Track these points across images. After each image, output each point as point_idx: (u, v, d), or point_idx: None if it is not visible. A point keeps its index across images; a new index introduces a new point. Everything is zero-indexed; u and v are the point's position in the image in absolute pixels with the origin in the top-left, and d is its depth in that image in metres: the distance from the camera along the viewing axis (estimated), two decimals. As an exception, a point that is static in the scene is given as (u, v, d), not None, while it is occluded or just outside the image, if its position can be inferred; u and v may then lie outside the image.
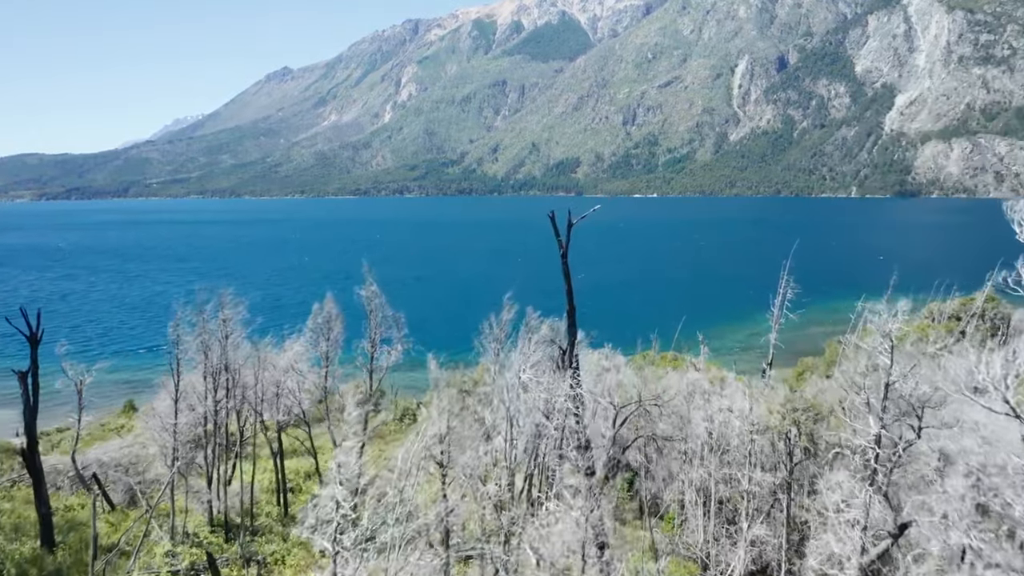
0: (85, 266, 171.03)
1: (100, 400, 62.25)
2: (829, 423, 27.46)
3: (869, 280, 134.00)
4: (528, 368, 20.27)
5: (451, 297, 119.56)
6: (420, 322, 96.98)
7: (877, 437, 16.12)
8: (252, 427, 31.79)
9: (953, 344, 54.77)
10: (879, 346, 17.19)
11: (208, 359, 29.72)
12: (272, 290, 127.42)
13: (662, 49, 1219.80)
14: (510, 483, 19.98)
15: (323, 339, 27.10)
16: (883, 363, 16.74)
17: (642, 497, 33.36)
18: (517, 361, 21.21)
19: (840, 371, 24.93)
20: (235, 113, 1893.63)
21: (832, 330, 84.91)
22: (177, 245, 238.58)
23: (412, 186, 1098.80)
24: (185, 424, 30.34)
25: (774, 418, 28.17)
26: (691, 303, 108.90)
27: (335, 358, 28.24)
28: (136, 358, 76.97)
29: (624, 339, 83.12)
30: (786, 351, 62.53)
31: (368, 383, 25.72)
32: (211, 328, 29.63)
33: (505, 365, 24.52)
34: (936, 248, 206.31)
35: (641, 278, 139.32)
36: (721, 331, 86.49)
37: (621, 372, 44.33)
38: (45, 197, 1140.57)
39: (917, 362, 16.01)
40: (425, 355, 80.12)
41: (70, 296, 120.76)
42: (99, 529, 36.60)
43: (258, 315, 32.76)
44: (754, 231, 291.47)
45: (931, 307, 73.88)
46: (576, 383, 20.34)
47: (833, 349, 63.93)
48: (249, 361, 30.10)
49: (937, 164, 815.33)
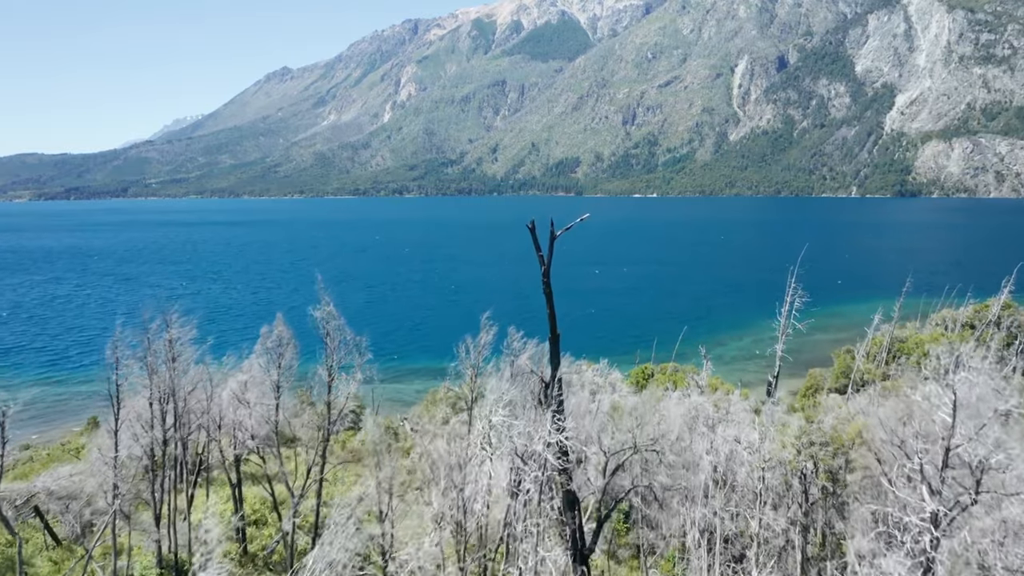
0: (74, 268, 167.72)
1: (67, 416, 59.12)
2: (850, 460, 24.25)
3: (876, 283, 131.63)
4: (501, 409, 17.01)
5: (449, 301, 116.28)
6: (417, 328, 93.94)
7: (934, 516, 12.87)
8: (206, 456, 28.64)
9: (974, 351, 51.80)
10: (934, 397, 13.97)
11: (153, 383, 26.50)
12: (262, 295, 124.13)
13: (662, 49, 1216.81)
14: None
15: (273, 366, 23.87)
16: (942, 422, 13.53)
17: (639, 534, 30.13)
18: (489, 399, 18.01)
19: (877, 414, 21.60)
20: (235, 113, 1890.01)
21: (838, 337, 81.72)
22: (170, 247, 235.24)
23: (411, 186, 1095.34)
24: (128, 456, 27.12)
25: (788, 452, 24.99)
26: (692, 307, 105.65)
27: (289, 386, 24.93)
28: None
29: (624, 345, 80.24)
30: (792, 359, 59.26)
31: (327, 416, 22.52)
32: (157, 349, 26.41)
33: (483, 394, 21.44)
34: (943, 250, 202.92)
35: (641, 282, 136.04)
36: (723, 338, 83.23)
37: (616, 391, 41.08)
38: (44, 197, 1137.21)
39: (986, 422, 12.75)
40: (416, 362, 76.97)
41: (55, 302, 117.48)
42: (40, 569, 33.37)
43: (250, 323, 29.45)
44: (755, 232, 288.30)
45: (943, 314, 70.56)
46: (560, 424, 17.17)
47: (842, 360, 60.70)
48: (201, 385, 26.87)
49: (937, 164, 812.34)
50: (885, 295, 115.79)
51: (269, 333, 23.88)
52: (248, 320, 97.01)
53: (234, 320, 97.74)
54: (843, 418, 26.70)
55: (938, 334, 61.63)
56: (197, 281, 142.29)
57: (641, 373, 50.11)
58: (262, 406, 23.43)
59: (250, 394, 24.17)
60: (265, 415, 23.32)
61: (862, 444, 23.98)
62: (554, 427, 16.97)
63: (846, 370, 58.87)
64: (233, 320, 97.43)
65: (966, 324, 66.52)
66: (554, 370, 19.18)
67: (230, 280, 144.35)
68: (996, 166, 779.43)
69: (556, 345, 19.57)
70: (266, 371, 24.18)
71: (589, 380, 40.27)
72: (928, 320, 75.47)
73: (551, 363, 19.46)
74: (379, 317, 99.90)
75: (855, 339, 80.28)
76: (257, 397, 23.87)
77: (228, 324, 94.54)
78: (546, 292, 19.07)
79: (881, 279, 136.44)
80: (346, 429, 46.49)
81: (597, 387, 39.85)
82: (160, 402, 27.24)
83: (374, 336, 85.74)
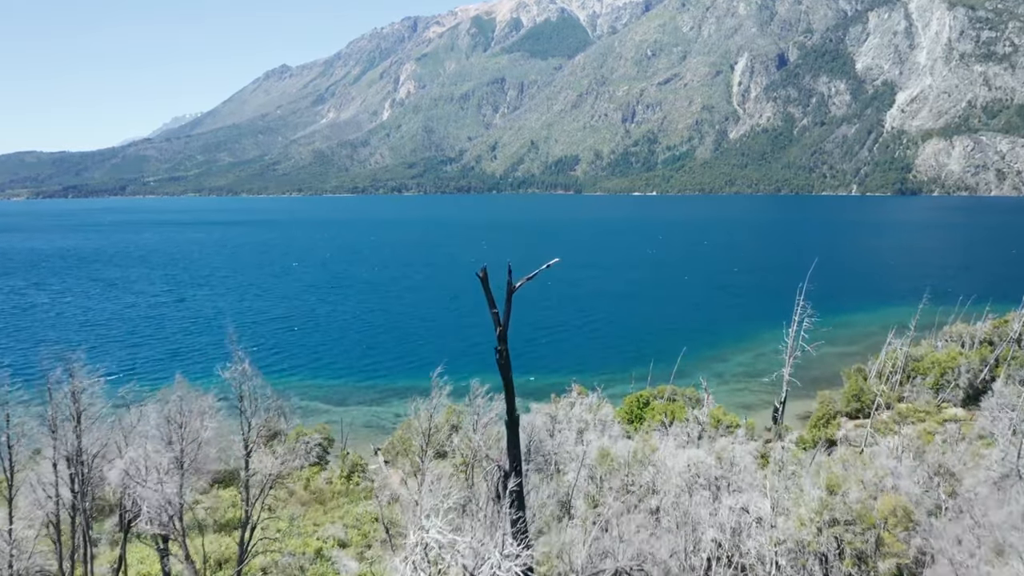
0: (58, 273, 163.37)
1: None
2: (882, 543, 20.15)
3: (884, 289, 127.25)
4: (441, 518, 12.74)
5: (446, 309, 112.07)
6: (405, 340, 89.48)
7: None
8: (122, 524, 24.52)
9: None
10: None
11: (57, 444, 22.36)
12: (249, 303, 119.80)
13: (661, 46, 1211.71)
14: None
15: (176, 440, 19.53)
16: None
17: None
18: (426, 502, 13.71)
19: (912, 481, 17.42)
20: (233, 111, 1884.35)
21: (847, 350, 77.46)
22: (161, 250, 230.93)
23: (410, 184, 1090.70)
24: (24, 525, 23.01)
25: (807, 531, 20.92)
26: (692, 316, 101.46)
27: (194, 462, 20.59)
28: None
29: (621, 359, 75.97)
30: (797, 375, 55.14)
31: (244, 498, 18.48)
32: (60, 403, 22.29)
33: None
34: (950, 251, 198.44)
35: (640, 287, 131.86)
36: (724, 352, 78.98)
37: (607, 430, 36.92)
38: (42, 195, 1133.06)
39: None
40: (400, 381, 72.56)
41: (32, 310, 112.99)
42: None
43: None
44: (756, 232, 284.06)
45: (959, 329, 66.34)
46: (521, 537, 13.01)
47: (854, 382, 56.47)
48: (111, 444, 22.74)
49: (938, 162, 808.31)
50: (894, 302, 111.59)
51: (172, 394, 19.68)
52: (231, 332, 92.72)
53: (218, 332, 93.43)
54: (871, 484, 22.52)
55: (955, 352, 57.46)
56: (182, 287, 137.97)
57: (636, 402, 45.95)
58: (159, 490, 19.12)
59: (146, 474, 19.91)
60: (164, 499, 19.11)
61: (897, 524, 19.85)
62: (513, 542, 12.82)
63: (858, 392, 54.69)
64: (216, 332, 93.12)
65: (984, 340, 62.36)
66: (513, 463, 15.02)
67: (216, 287, 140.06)
68: (997, 164, 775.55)
69: (515, 431, 15.40)
70: (166, 443, 19.87)
71: (577, 417, 36.17)
72: (942, 333, 71.27)
73: (509, 454, 15.30)
74: (367, 328, 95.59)
75: (864, 352, 76.03)
76: (155, 478, 19.55)
77: (211, 336, 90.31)
78: (501, 364, 14.84)
79: (889, 284, 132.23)
80: (311, 464, 42.32)
81: (586, 425, 35.73)
82: (68, 461, 23.11)
83: (357, 352, 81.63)
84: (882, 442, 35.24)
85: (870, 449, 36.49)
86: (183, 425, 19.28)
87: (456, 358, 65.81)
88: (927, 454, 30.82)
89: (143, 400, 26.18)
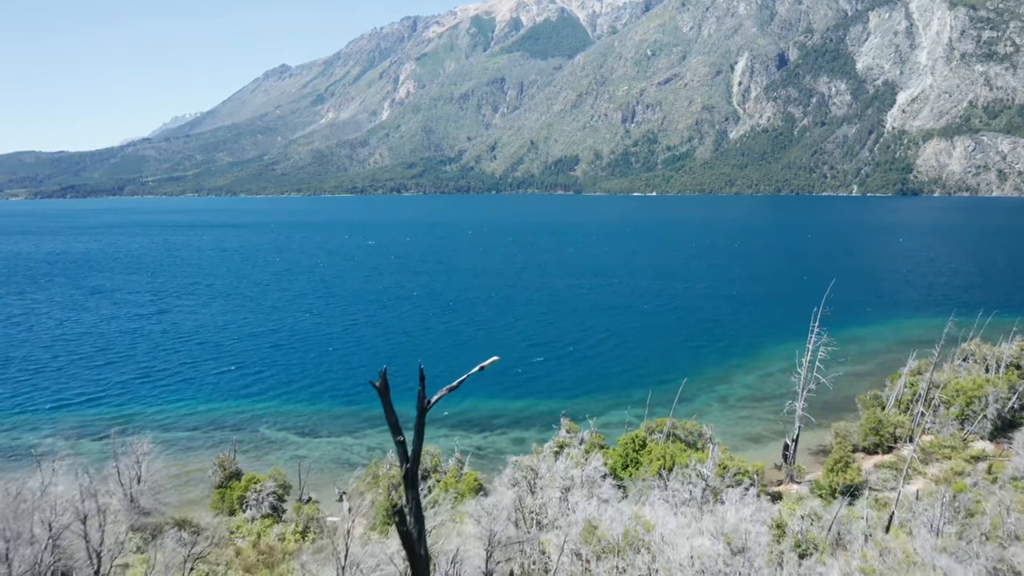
0: (38, 280, 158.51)
1: None
2: None
3: (897, 299, 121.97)
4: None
5: (440, 322, 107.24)
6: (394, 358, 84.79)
7: None
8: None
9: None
10: None
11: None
12: (232, 315, 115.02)
13: (661, 46, 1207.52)
14: None
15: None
16: None
17: None
18: None
19: None
20: (233, 111, 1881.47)
21: (860, 370, 72.51)
22: (151, 254, 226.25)
23: (410, 184, 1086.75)
24: None
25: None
26: (695, 334, 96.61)
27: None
28: (40, 415, 63.45)
29: (619, 383, 70.97)
30: (807, 399, 50.37)
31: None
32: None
33: None
34: (960, 254, 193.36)
35: (639, 300, 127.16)
36: (729, 372, 74.16)
37: (595, 488, 32.20)
38: (40, 195, 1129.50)
39: None
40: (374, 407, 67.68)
41: (2, 324, 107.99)
42: None
43: (214, 353, 20.61)
44: (756, 235, 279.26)
45: (983, 351, 61.62)
46: None
47: (871, 413, 51.71)
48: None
49: (939, 162, 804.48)
50: (907, 313, 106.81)
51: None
52: (210, 350, 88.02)
53: (195, 350, 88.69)
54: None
55: (981, 380, 52.73)
56: (167, 297, 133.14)
57: (631, 443, 41.27)
58: None
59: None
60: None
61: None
62: None
63: (876, 425, 49.96)
64: (193, 350, 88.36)
65: (1011, 364, 57.69)
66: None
67: (200, 295, 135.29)
68: (998, 164, 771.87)
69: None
70: None
71: (562, 473, 31.51)
72: (960, 351, 66.60)
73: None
74: (354, 345, 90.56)
75: (877, 372, 71.23)
76: None
77: (186, 355, 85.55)
78: (402, 533, 10.16)
79: (901, 293, 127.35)
80: (262, 516, 37.65)
81: (572, 482, 31.09)
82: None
83: (340, 373, 76.64)
84: (916, 507, 30.59)
85: (900, 514, 31.80)
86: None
87: (442, 381, 61.23)
88: (974, 523, 26.17)
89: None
